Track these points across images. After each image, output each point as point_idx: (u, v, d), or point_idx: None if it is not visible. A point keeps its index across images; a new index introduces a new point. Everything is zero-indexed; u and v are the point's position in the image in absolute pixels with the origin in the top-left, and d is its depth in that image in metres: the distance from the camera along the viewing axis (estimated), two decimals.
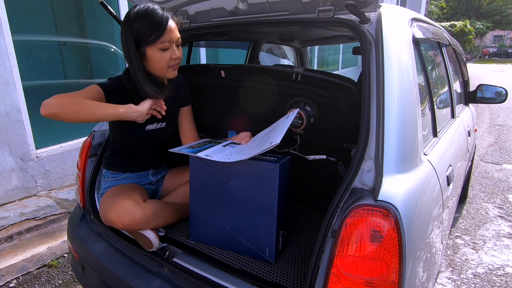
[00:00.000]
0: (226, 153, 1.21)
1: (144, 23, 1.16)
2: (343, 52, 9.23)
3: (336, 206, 0.88)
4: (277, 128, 1.21)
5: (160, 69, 1.24)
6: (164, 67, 1.24)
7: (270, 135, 1.20)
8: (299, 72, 1.33)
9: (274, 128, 1.23)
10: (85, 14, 3.38)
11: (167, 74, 1.27)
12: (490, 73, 16.47)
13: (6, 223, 2.45)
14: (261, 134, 1.30)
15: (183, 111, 1.49)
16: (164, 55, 1.21)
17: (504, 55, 33.58)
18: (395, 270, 0.81)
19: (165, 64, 1.23)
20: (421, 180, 1.01)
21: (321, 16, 1.17)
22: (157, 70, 1.24)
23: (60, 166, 3.12)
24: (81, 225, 1.49)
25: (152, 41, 1.18)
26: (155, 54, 1.20)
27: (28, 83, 2.87)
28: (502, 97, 2.41)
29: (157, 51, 1.20)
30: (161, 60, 1.21)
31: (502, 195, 3.30)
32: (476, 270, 2.15)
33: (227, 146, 1.31)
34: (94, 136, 1.57)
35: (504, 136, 5.48)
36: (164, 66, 1.23)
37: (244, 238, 1.25)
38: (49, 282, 2.06)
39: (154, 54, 1.20)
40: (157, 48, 1.19)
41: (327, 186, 1.40)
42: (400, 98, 0.99)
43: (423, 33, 1.39)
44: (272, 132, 1.21)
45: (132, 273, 1.20)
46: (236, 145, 1.32)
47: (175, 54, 1.23)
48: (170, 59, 1.23)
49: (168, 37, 1.19)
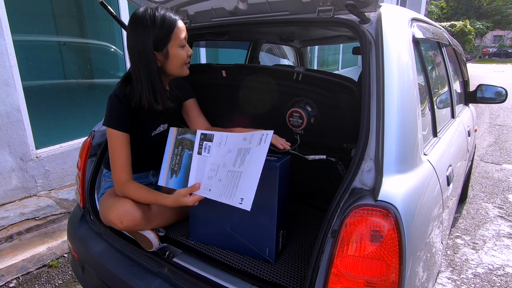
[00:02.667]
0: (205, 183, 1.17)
1: (162, 23, 1.18)
2: (343, 52, 9.23)
3: (336, 206, 0.88)
4: (249, 163, 1.08)
5: (179, 66, 1.27)
6: (183, 64, 1.28)
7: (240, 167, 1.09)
8: (300, 72, 1.33)
9: (246, 157, 1.10)
10: (85, 14, 3.38)
11: (183, 71, 1.30)
12: (490, 73, 16.47)
13: (6, 223, 2.45)
14: (234, 145, 1.15)
15: (188, 104, 1.49)
16: (183, 52, 1.25)
17: (504, 55, 33.57)
18: (395, 270, 0.81)
19: (184, 60, 1.27)
20: (421, 180, 1.01)
21: (321, 16, 1.17)
22: (177, 67, 1.27)
23: (60, 166, 3.12)
24: (81, 225, 1.49)
25: (174, 38, 1.21)
26: (177, 51, 1.23)
27: (28, 83, 2.87)
28: (502, 97, 2.41)
29: (177, 48, 1.23)
30: (181, 56, 1.25)
31: (502, 195, 3.30)
32: (476, 270, 2.15)
33: (202, 152, 1.21)
34: (94, 136, 1.57)
35: (504, 136, 5.48)
36: (183, 63, 1.27)
37: (244, 238, 1.25)
38: (49, 282, 2.06)
39: (176, 51, 1.23)
40: (178, 45, 1.23)
41: (327, 186, 1.40)
42: (400, 98, 0.99)
43: (423, 33, 1.39)
44: (243, 163, 1.09)
45: (132, 273, 1.20)
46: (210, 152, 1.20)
47: (190, 51, 1.29)
48: (187, 56, 1.27)
49: (184, 33, 1.24)
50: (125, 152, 1.26)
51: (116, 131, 1.24)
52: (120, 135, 1.25)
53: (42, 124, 3.01)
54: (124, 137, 1.26)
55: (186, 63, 1.29)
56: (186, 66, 1.30)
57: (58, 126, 3.21)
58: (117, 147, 1.26)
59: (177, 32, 1.21)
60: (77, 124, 3.33)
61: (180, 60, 1.25)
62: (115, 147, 1.26)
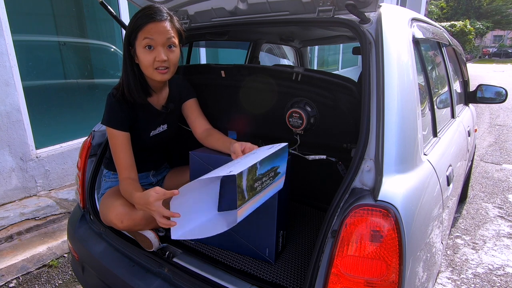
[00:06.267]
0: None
1: (135, 19, 1.17)
2: (343, 52, 9.23)
3: (336, 206, 0.88)
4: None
5: (146, 68, 1.21)
6: (148, 66, 1.20)
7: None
8: (299, 72, 1.33)
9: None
10: (85, 14, 3.38)
11: (154, 75, 1.23)
12: (490, 73, 16.47)
13: (6, 223, 2.45)
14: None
15: (188, 104, 1.46)
16: (148, 55, 1.19)
17: (504, 55, 33.56)
18: (395, 270, 0.81)
19: (149, 64, 1.20)
20: (421, 180, 1.01)
21: (321, 16, 1.17)
22: (145, 69, 1.22)
23: (60, 166, 3.12)
24: (81, 225, 1.49)
25: (136, 37, 1.17)
26: (141, 52, 1.19)
27: (28, 83, 2.87)
28: (502, 97, 2.41)
29: (142, 48, 1.18)
30: (145, 59, 1.19)
31: (502, 195, 3.30)
32: (476, 270, 2.15)
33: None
34: (94, 136, 1.57)
35: (504, 136, 5.48)
36: (148, 65, 1.20)
37: (244, 238, 1.25)
38: (49, 282, 2.06)
39: (139, 52, 1.20)
40: (142, 46, 1.18)
41: (327, 186, 1.40)
42: (400, 98, 0.99)
43: (423, 33, 1.39)
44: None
45: (132, 273, 1.20)
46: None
47: (160, 56, 1.18)
48: (154, 61, 1.19)
49: (152, 34, 1.16)
50: (124, 151, 1.26)
51: (115, 130, 1.24)
52: (118, 134, 1.25)
53: (42, 124, 3.01)
54: (123, 135, 1.26)
55: (155, 67, 1.20)
56: (156, 71, 1.21)
57: (58, 126, 3.21)
58: (114, 146, 1.26)
59: (142, 33, 1.15)
60: (77, 124, 3.33)
61: (144, 62, 1.20)
62: (112, 146, 1.26)
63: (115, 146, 1.26)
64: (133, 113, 1.29)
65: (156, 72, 1.21)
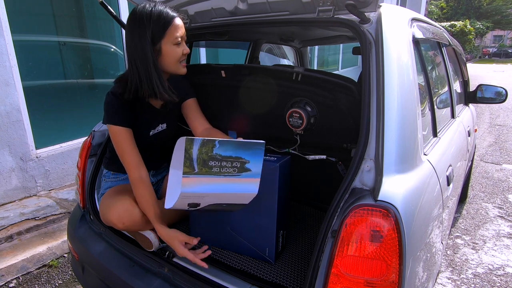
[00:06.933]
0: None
1: (158, 19, 1.19)
2: (343, 52, 9.23)
3: (336, 206, 0.88)
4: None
5: (174, 63, 1.26)
6: (177, 61, 1.26)
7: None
8: (299, 72, 1.33)
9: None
10: (85, 14, 3.38)
11: (179, 69, 1.29)
12: (490, 73, 16.47)
13: (6, 223, 2.45)
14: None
15: (188, 104, 1.47)
16: (178, 50, 1.24)
17: (504, 55, 33.54)
18: (395, 270, 0.81)
19: (178, 58, 1.26)
20: (421, 180, 1.01)
21: (321, 16, 1.17)
22: (171, 65, 1.26)
23: (60, 166, 3.12)
24: (81, 225, 1.49)
25: (168, 35, 1.20)
26: (170, 48, 1.22)
27: (28, 83, 2.87)
28: (502, 97, 2.41)
29: (171, 45, 1.22)
30: (175, 54, 1.24)
31: (502, 195, 3.30)
32: (476, 270, 2.15)
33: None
34: (94, 136, 1.57)
35: (504, 136, 5.48)
36: (177, 60, 1.26)
37: (244, 238, 1.25)
38: (49, 282, 2.06)
39: (169, 48, 1.22)
40: (172, 43, 1.22)
41: (327, 186, 1.40)
42: (400, 98, 0.99)
43: (423, 33, 1.39)
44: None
45: (132, 273, 1.20)
46: None
47: (186, 50, 1.27)
48: (182, 54, 1.26)
49: (180, 31, 1.23)
50: (130, 147, 1.25)
51: (118, 127, 1.23)
52: (122, 130, 1.24)
53: (42, 124, 3.01)
54: (126, 132, 1.25)
55: (181, 61, 1.28)
56: (181, 65, 1.29)
57: (58, 126, 3.21)
58: (119, 143, 1.24)
59: (172, 30, 1.20)
60: (77, 124, 3.33)
61: (173, 57, 1.24)
62: (117, 144, 1.25)
63: (121, 144, 1.24)
64: (133, 112, 1.28)
65: (181, 66, 1.29)
